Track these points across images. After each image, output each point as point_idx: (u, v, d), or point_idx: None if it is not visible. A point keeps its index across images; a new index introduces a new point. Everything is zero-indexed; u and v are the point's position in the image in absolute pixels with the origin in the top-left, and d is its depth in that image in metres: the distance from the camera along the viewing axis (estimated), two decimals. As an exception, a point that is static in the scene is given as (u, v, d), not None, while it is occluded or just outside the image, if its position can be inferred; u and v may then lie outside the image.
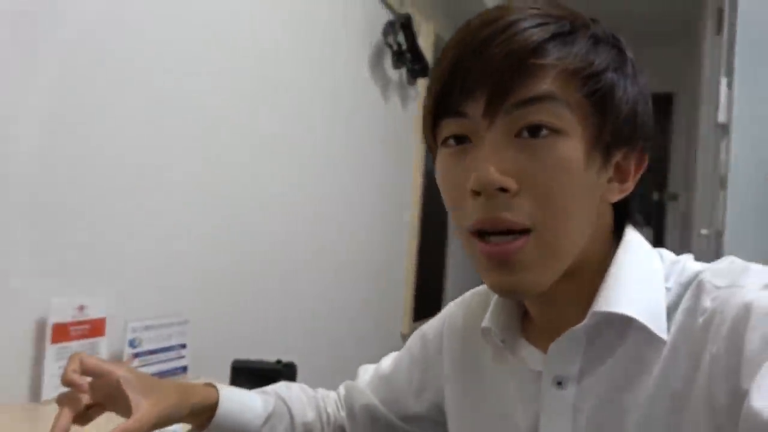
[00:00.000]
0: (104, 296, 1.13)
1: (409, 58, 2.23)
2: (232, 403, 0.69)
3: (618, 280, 0.53)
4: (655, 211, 3.69)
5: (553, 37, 0.50)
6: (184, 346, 1.30)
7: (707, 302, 0.49)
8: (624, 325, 0.52)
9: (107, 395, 0.61)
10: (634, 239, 0.56)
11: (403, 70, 2.30)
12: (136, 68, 1.21)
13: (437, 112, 0.53)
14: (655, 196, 3.55)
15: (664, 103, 3.68)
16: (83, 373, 0.61)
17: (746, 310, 0.46)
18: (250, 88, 1.55)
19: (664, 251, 0.58)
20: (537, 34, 0.49)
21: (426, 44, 2.45)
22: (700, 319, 0.49)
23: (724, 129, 1.87)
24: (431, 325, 0.76)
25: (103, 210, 1.16)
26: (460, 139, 0.52)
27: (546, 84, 0.49)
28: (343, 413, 0.80)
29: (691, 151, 3.24)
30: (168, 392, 0.63)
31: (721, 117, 1.88)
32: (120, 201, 1.19)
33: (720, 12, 2.15)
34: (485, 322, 0.62)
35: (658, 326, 0.51)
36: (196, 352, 1.32)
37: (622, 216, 0.57)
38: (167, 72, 1.29)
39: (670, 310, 0.52)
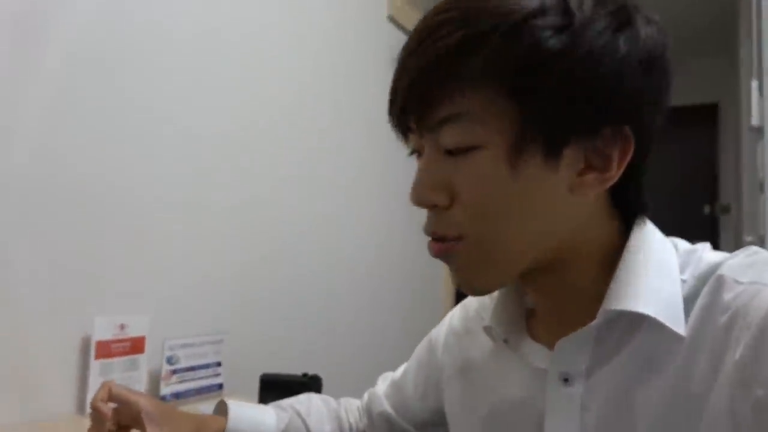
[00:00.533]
0: (144, 315, 1.22)
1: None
2: (241, 423, 0.73)
3: (629, 273, 0.50)
4: (709, 226, 3.56)
5: (462, 43, 0.46)
6: (219, 364, 1.36)
7: (728, 300, 0.46)
8: (637, 319, 0.49)
9: (131, 420, 0.69)
10: (644, 228, 0.53)
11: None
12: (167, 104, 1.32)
13: (396, 126, 0.54)
14: (707, 209, 3.43)
15: (709, 114, 3.58)
16: (110, 400, 0.70)
17: None
18: (280, 112, 1.64)
19: (678, 240, 0.55)
20: (442, 47, 0.47)
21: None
22: (722, 319, 0.46)
23: (759, 132, 1.83)
24: (437, 328, 0.76)
25: (142, 232, 1.25)
26: (418, 152, 0.54)
27: (454, 101, 0.48)
28: (364, 420, 0.81)
29: (738, 161, 3.13)
30: (183, 424, 0.70)
31: (755, 120, 1.84)
32: (158, 224, 1.29)
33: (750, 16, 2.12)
34: (487, 321, 0.61)
35: (675, 322, 0.48)
36: (231, 369, 1.39)
37: (624, 203, 0.53)
38: (199, 104, 1.40)
39: (686, 304, 0.49)
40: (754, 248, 0.51)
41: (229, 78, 1.48)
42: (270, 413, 0.76)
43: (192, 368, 1.30)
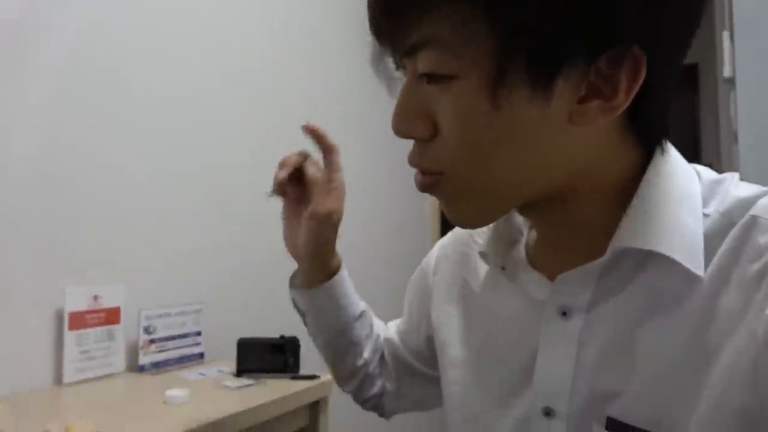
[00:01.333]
0: (118, 286, 1.22)
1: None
2: (347, 278, 0.74)
3: (645, 207, 0.45)
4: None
5: None
6: (199, 333, 1.37)
7: (764, 244, 0.41)
8: (648, 254, 0.44)
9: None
10: (666, 157, 0.47)
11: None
12: (138, 76, 1.31)
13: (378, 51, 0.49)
14: (690, 170, 3.44)
15: (689, 75, 3.58)
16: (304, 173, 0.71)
17: None
18: (259, 95, 1.63)
19: (701, 168, 0.49)
20: None
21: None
22: (754, 265, 0.41)
23: (731, 83, 1.83)
24: (428, 255, 0.73)
25: (114, 203, 1.25)
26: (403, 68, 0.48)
27: (426, 23, 0.42)
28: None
29: (717, 118, 3.15)
30: (333, 225, 0.69)
31: (726, 71, 1.84)
32: (130, 195, 1.28)
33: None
34: (482, 247, 0.58)
35: (694, 262, 0.43)
36: (212, 338, 1.39)
37: (641, 130, 0.46)
38: (173, 74, 1.39)
39: (707, 242, 0.44)
40: None
41: (203, 53, 1.47)
42: (357, 296, 0.76)
43: (171, 338, 1.30)
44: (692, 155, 3.58)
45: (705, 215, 0.45)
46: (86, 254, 1.20)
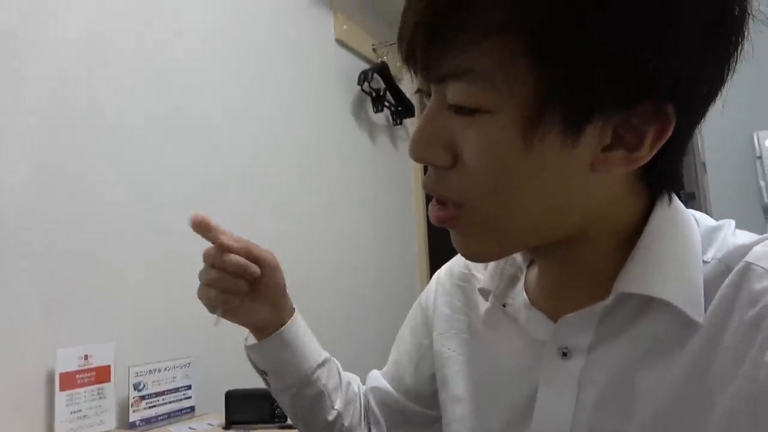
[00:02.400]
0: (108, 344, 1.25)
1: (392, 101, 2.36)
2: (303, 326, 0.72)
3: (649, 253, 0.46)
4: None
5: None
6: (189, 387, 1.39)
7: (758, 291, 0.42)
8: (650, 299, 0.45)
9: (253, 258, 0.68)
10: (670, 206, 0.48)
11: (388, 113, 2.44)
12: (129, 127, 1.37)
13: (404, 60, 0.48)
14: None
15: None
16: (239, 244, 0.70)
17: None
18: (249, 147, 1.70)
19: (699, 215, 0.50)
20: None
21: (410, 88, 2.59)
22: (749, 312, 0.42)
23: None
24: (425, 290, 0.72)
25: (100, 260, 1.29)
26: (422, 91, 0.48)
27: (465, 53, 0.41)
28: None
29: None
30: (279, 287, 0.71)
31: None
32: (117, 252, 1.32)
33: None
34: (482, 283, 0.58)
35: (694, 308, 0.44)
36: (203, 391, 1.41)
37: (653, 182, 0.47)
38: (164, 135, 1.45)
39: (707, 288, 0.44)
40: None
41: (181, 92, 1.54)
42: (317, 344, 0.75)
43: (161, 393, 1.32)
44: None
45: (705, 262, 0.46)
46: (76, 313, 1.23)
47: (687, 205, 0.52)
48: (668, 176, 0.47)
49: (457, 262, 0.68)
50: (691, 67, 0.40)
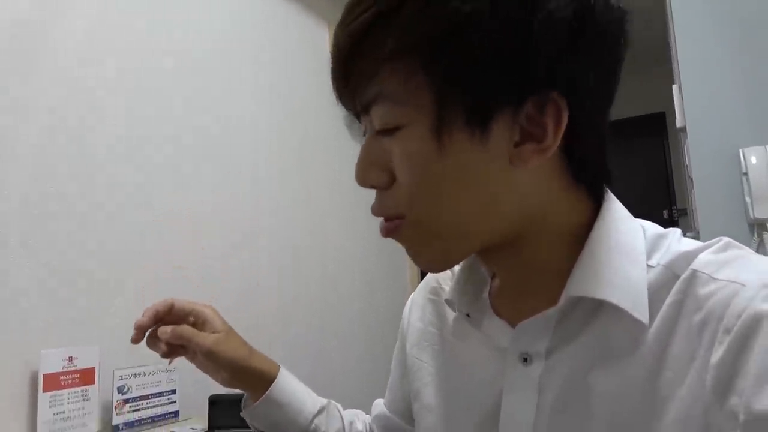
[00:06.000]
0: (93, 346, 1.25)
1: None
2: (290, 383, 0.71)
3: (593, 256, 0.48)
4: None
5: (372, 24, 0.46)
6: (174, 391, 1.39)
7: (703, 297, 0.44)
8: (599, 302, 0.48)
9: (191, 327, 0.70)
10: (612, 208, 0.51)
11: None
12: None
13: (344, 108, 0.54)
14: (665, 214, 3.54)
15: (657, 123, 3.73)
16: (174, 312, 0.73)
17: (755, 322, 0.40)
18: (244, 156, 1.71)
19: (646, 223, 0.53)
20: (355, 29, 0.47)
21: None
22: (695, 317, 0.44)
23: (684, 132, 1.93)
24: (404, 307, 0.74)
25: (87, 261, 1.30)
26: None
27: (376, 81, 0.47)
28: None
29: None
30: (238, 342, 0.70)
31: (678, 122, 1.94)
32: (103, 254, 1.33)
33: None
34: (447, 294, 0.61)
35: (638, 309, 0.46)
36: (187, 396, 1.41)
37: (579, 173, 0.50)
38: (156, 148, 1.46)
39: (651, 293, 0.47)
40: (726, 240, 0.48)
41: (180, 106, 1.55)
42: (310, 391, 0.75)
43: (145, 397, 1.33)
44: (668, 198, 3.70)
45: (649, 266, 0.48)
46: (62, 315, 1.24)
47: (680, 221, 0.54)
48: (590, 165, 0.50)
49: (430, 277, 0.70)
50: (564, 57, 0.44)
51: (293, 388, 0.72)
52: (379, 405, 0.78)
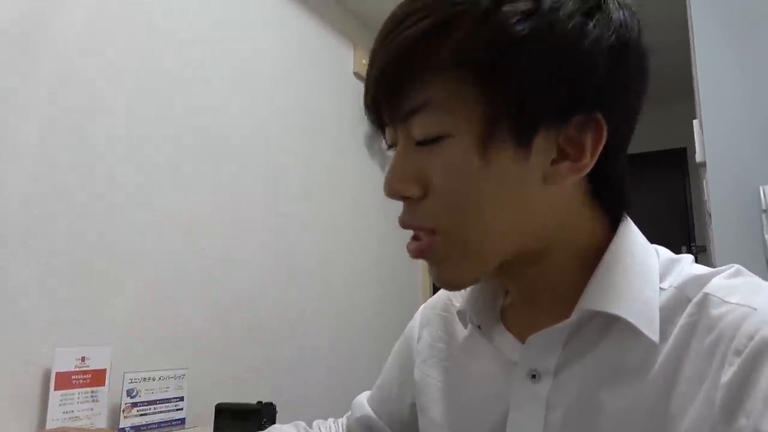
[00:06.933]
0: (106, 348, 1.27)
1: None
2: None
3: (609, 273, 0.49)
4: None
5: (426, 34, 0.47)
6: (181, 398, 1.40)
7: (715, 318, 0.45)
8: (611, 320, 0.48)
9: None
10: (629, 229, 0.52)
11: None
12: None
13: (371, 120, 0.54)
14: (683, 250, 3.50)
15: (678, 158, 3.71)
16: None
17: (765, 345, 0.41)
18: (254, 162, 1.74)
19: (660, 248, 0.54)
20: (409, 36, 0.47)
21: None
22: (707, 338, 0.44)
23: (703, 167, 1.93)
24: (410, 322, 0.75)
25: (106, 268, 1.32)
26: (394, 146, 0.53)
27: (422, 90, 0.47)
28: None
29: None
30: None
31: (698, 156, 1.94)
32: (123, 262, 1.36)
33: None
34: (461, 306, 0.61)
35: (650, 328, 0.47)
36: (194, 403, 1.42)
37: (606, 196, 0.52)
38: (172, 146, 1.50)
39: (664, 314, 0.47)
40: (737, 267, 0.49)
41: (200, 121, 1.59)
42: None
43: (153, 402, 1.34)
44: (687, 234, 3.65)
45: (661, 289, 0.49)
46: (77, 315, 1.26)
47: (698, 258, 0.54)
48: (614, 189, 0.52)
49: (441, 294, 0.71)
50: (607, 82, 0.47)
51: None
52: (363, 406, 0.78)
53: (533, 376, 0.51)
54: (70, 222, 1.29)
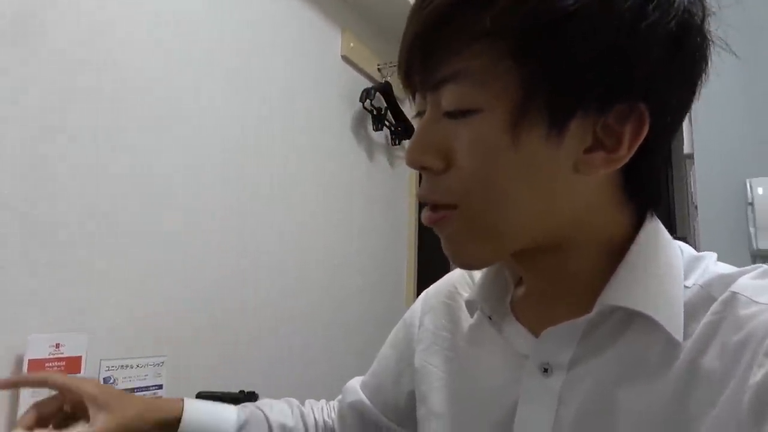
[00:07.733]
0: (81, 335, 1.23)
1: (392, 121, 2.38)
2: (199, 414, 0.71)
3: (633, 269, 0.47)
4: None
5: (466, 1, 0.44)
6: (160, 386, 1.36)
7: (743, 318, 0.43)
8: (631, 316, 0.47)
9: (76, 406, 0.68)
10: (655, 225, 0.50)
11: (387, 133, 2.45)
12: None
13: (404, 85, 0.51)
14: (664, 242, 3.53)
15: (662, 151, 3.77)
16: (51, 387, 0.70)
17: None
18: (240, 150, 1.70)
19: (684, 245, 0.53)
20: (446, 2, 0.44)
21: (411, 112, 2.60)
22: (734, 337, 0.43)
23: (690, 158, 1.93)
24: (411, 309, 0.73)
25: (82, 252, 1.27)
26: (421, 114, 0.51)
27: (456, 59, 0.44)
28: (333, 416, 0.79)
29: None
30: (129, 406, 0.68)
31: (686, 148, 1.94)
32: (99, 245, 1.31)
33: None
34: (470, 295, 0.59)
35: (674, 326, 0.45)
36: (173, 391, 1.38)
37: (634, 189, 0.49)
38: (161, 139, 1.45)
39: (687, 312, 0.46)
40: (764, 267, 0.47)
41: (185, 110, 1.54)
42: (230, 408, 0.75)
43: (131, 390, 1.30)
44: (668, 226, 3.69)
45: (686, 287, 0.47)
46: (51, 301, 1.21)
47: None
48: (648, 185, 0.49)
49: (446, 281, 0.69)
50: (659, 71, 0.43)
51: (204, 417, 0.71)
52: (356, 391, 0.76)
53: (545, 370, 0.50)
54: (46, 206, 1.24)
